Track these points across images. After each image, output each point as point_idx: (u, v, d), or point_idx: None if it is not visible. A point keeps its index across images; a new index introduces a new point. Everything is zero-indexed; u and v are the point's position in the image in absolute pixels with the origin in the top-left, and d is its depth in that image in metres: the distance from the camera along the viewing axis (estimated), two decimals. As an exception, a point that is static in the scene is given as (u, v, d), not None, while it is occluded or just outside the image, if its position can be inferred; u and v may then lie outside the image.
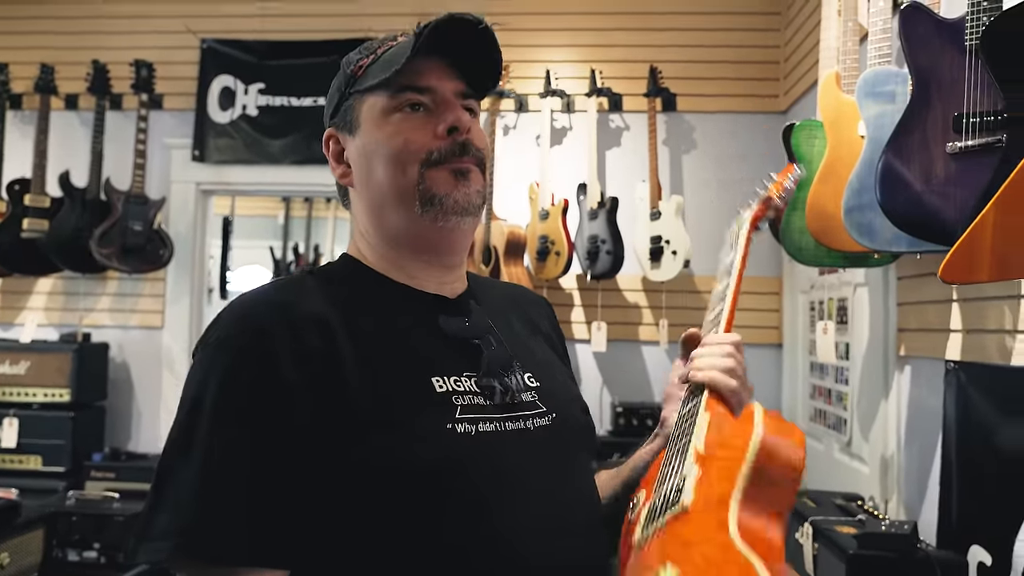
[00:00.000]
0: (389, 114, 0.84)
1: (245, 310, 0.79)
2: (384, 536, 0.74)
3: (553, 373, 0.94)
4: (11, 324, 3.28)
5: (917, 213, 1.33)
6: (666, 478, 0.77)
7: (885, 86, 1.52)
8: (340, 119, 0.89)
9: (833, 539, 1.64)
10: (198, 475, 0.70)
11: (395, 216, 0.85)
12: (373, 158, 0.85)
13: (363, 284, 0.87)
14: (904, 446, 2.04)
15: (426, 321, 0.85)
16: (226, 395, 0.73)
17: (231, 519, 0.70)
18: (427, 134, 0.83)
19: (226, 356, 0.75)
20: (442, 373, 0.80)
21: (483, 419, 0.79)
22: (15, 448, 2.88)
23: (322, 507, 0.73)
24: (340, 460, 0.73)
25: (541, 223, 2.96)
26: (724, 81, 3.13)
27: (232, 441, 0.72)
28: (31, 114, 3.22)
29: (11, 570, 1.49)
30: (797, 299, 2.94)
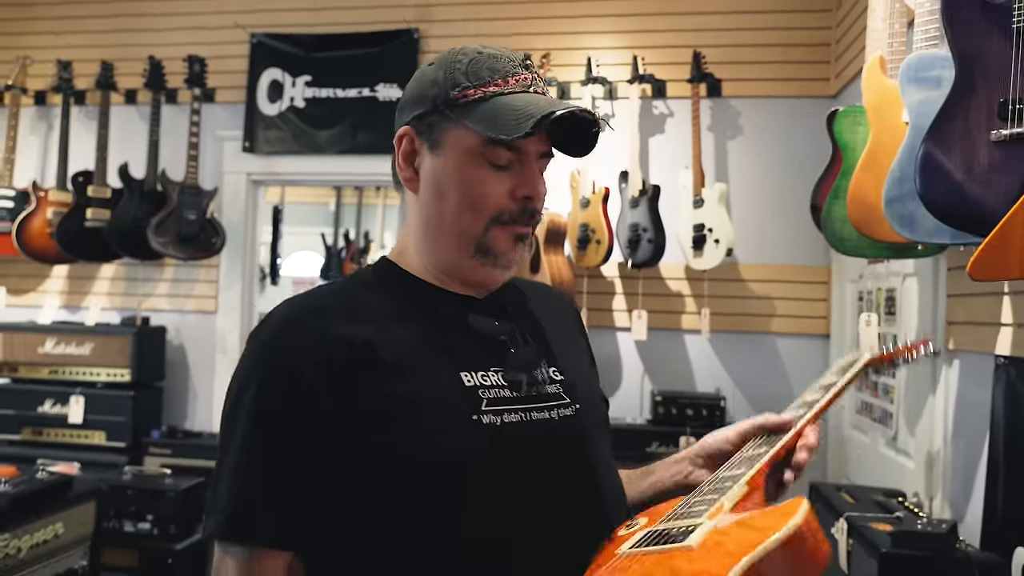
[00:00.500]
0: (476, 157, 0.85)
1: (291, 313, 0.86)
2: (410, 522, 0.79)
3: (576, 367, 0.98)
4: (78, 308, 3.46)
5: (958, 204, 1.28)
6: (678, 516, 0.77)
7: (930, 71, 1.46)
8: (423, 128, 0.89)
9: (867, 536, 1.61)
10: (235, 465, 0.80)
11: (447, 246, 0.90)
12: (447, 189, 0.87)
13: (399, 288, 0.92)
14: (951, 442, 1.98)
15: (456, 320, 0.90)
16: (262, 396, 0.80)
17: (257, 506, 0.78)
18: (504, 192, 0.86)
19: (267, 357, 0.82)
20: (470, 368, 0.85)
21: (509, 410, 0.84)
22: (81, 424, 3.05)
23: (351, 496, 0.80)
24: (370, 453, 0.79)
25: (582, 211, 2.96)
26: (771, 65, 3.05)
27: (264, 438, 0.80)
28: (93, 109, 3.37)
29: (65, 539, 1.60)
30: (845, 289, 2.86)
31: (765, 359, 3.03)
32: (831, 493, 2.01)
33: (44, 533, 1.52)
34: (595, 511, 0.86)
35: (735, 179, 3.07)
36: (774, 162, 3.04)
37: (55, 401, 3.07)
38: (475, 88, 0.85)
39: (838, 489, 2.04)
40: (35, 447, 3.01)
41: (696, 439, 0.99)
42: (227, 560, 0.79)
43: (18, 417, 3.09)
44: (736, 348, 3.05)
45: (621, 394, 3.11)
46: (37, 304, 3.43)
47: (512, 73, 0.86)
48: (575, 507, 0.84)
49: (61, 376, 3.12)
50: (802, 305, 3.02)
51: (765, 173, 3.05)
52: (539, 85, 0.88)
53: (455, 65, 0.87)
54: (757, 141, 3.07)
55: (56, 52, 3.44)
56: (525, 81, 0.87)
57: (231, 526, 0.78)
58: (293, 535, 0.79)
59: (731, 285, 3.03)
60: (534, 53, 3.17)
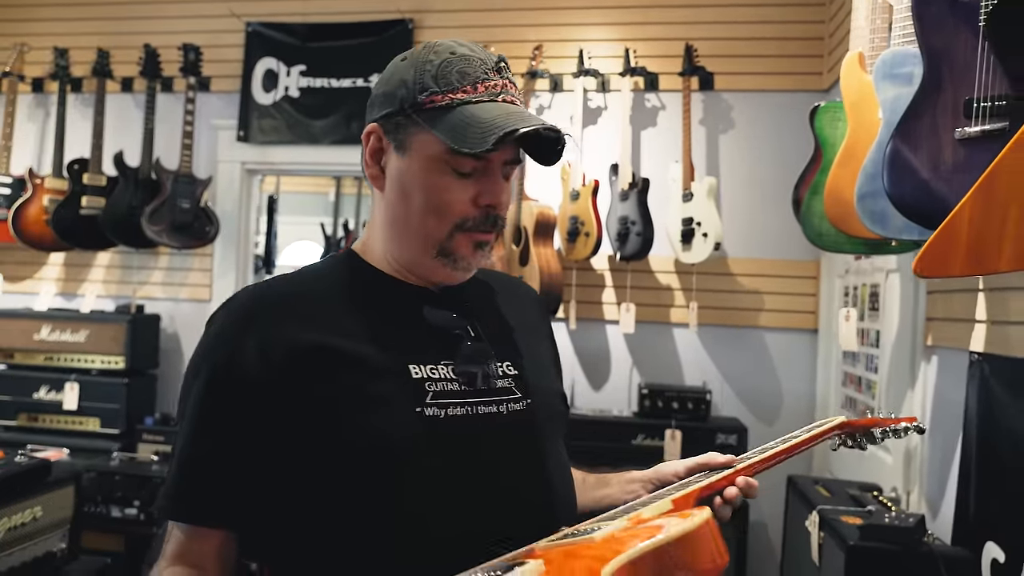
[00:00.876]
0: (440, 164, 0.86)
1: (244, 305, 0.88)
2: (346, 510, 0.81)
3: (533, 363, 0.98)
4: (73, 295, 3.50)
5: (924, 201, 1.28)
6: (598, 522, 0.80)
7: (903, 68, 1.46)
8: (391, 127, 0.89)
9: (837, 529, 1.63)
10: (180, 450, 0.85)
11: (410, 246, 0.91)
12: (412, 191, 0.88)
13: (358, 279, 0.93)
14: (928, 438, 1.99)
15: (411, 313, 0.91)
16: (208, 388, 0.84)
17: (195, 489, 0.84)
18: (467, 200, 0.87)
19: (216, 349, 0.85)
20: (419, 361, 0.87)
21: (454, 404, 0.86)
22: (76, 410, 3.09)
23: (291, 483, 0.83)
24: (311, 443, 0.82)
25: (572, 204, 2.96)
26: (764, 59, 3.05)
27: (205, 428, 0.84)
28: (90, 96, 3.39)
29: (43, 522, 1.62)
30: (834, 284, 2.87)
31: (753, 353, 3.04)
32: (807, 486, 2.03)
33: (22, 516, 1.55)
34: (542, 504, 0.88)
35: (726, 173, 3.07)
36: (765, 156, 3.04)
37: (50, 388, 3.11)
38: (443, 94, 0.85)
39: (815, 483, 2.06)
40: (30, 433, 3.05)
41: (681, 432, 1.00)
42: (173, 533, 0.85)
43: (14, 403, 3.13)
44: (724, 342, 3.06)
45: (609, 387, 3.13)
46: (33, 291, 3.47)
47: (481, 79, 0.86)
48: (522, 500, 0.86)
49: (56, 363, 3.15)
50: (791, 300, 3.03)
51: (756, 167, 3.05)
52: (508, 93, 0.88)
53: (425, 66, 0.87)
54: (748, 135, 3.07)
55: (53, 39, 3.46)
56: (495, 88, 0.86)
57: (171, 505, 0.84)
58: (228, 516, 0.83)
59: (720, 279, 3.04)
60: (526, 44, 3.18)
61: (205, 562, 0.84)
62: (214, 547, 0.84)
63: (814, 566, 1.79)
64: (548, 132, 0.86)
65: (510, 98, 0.88)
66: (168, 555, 0.85)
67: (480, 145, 0.81)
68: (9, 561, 1.55)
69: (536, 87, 3.15)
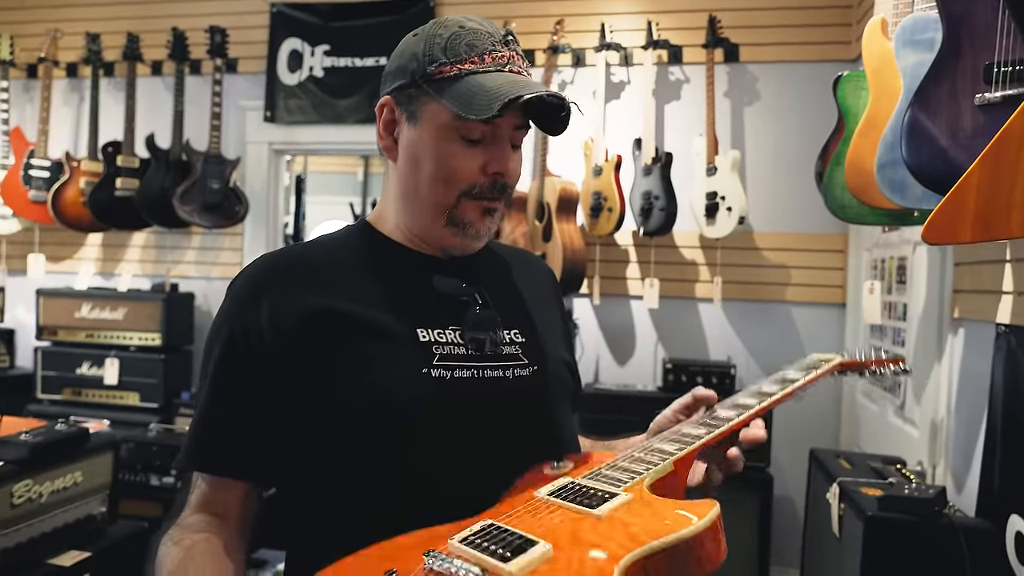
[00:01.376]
0: (449, 132, 0.89)
1: (260, 268, 0.92)
2: (353, 465, 0.85)
3: (542, 333, 1.01)
4: (111, 274, 3.61)
5: (942, 170, 1.26)
6: (599, 477, 0.81)
7: (924, 33, 1.43)
8: (403, 99, 0.92)
9: (856, 500, 1.63)
10: (202, 406, 0.89)
11: (421, 215, 0.94)
12: (422, 160, 0.91)
13: (371, 248, 0.97)
14: (954, 411, 1.97)
15: (421, 280, 0.94)
16: (226, 350, 0.88)
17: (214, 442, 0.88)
18: (475, 168, 0.90)
19: (235, 313, 0.89)
20: (427, 325, 0.90)
21: (460, 367, 0.89)
22: (116, 385, 3.20)
23: (303, 438, 0.86)
24: (321, 402, 0.85)
25: (594, 179, 2.96)
26: (790, 28, 2.99)
27: (224, 386, 0.88)
28: (121, 80, 3.47)
29: (84, 487, 1.71)
30: (862, 257, 2.83)
31: (779, 328, 3.02)
32: (830, 460, 2.02)
33: (64, 480, 1.63)
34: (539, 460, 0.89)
35: (751, 146, 3.03)
36: (791, 128, 2.99)
37: (92, 363, 3.22)
38: (451, 64, 0.88)
39: (837, 456, 2.05)
40: (74, 407, 3.17)
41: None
42: (197, 484, 0.90)
43: (59, 378, 3.25)
44: (749, 317, 3.04)
45: (634, 362, 3.14)
46: (73, 271, 3.59)
47: (489, 51, 0.88)
48: (527, 460, 0.88)
49: (97, 340, 3.26)
50: (818, 274, 2.99)
51: (782, 140, 3.01)
52: (515, 64, 0.90)
53: (435, 39, 0.90)
54: (774, 107, 3.02)
55: (85, 25, 3.54)
56: (501, 59, 0.89)
57: (191, 457, 0.89)
58: (246, 468, 0.88)
59: (745, 253, 3.02)
60: (547, 19, 3.16)
61: (228, 511, 0.88)
62: (236, 497, 0.89)
63: (835, 537, 1.80)
64: (552, 99, 0.88)
65: (517, 69, 0.90)
66: (192, 504, 0.89)
67: (486, 112, 0.84)
68: (53, 522, 1.64)
69: (558, 62, 3.14)
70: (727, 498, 0.75)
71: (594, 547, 0.65)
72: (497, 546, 0.66)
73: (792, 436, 2.90)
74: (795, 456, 2.84)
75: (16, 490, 1.53)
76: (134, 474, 2.46)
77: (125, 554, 1.74)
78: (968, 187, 0.90)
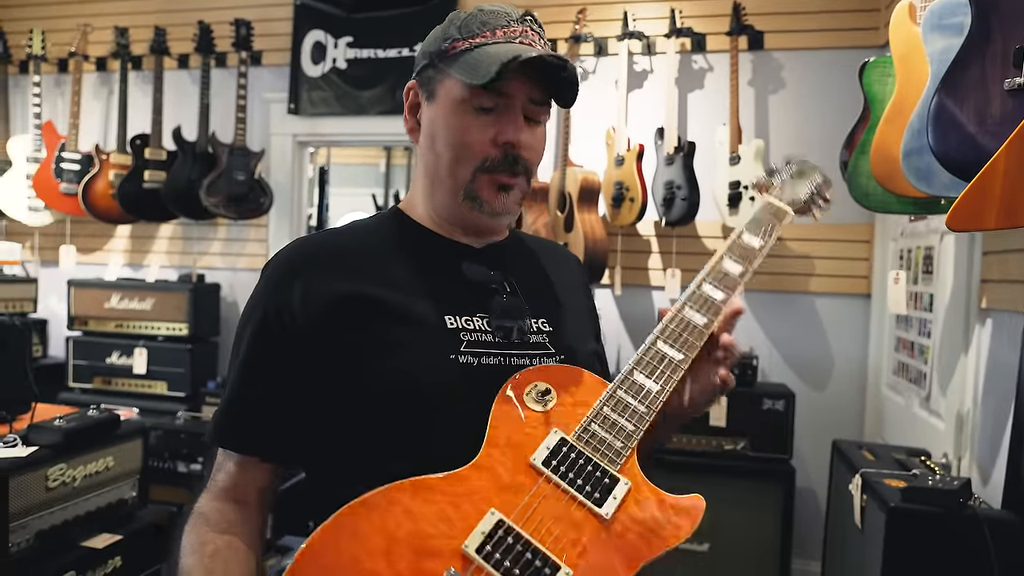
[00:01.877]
0: (462, 105, 0.90)
1: (293, 253, 0.94)
2: (382, 449, 0.86)
3: (570, 323, 1.01)
4: (140, 265, 3.68)
5: (970, 156, 1.24)
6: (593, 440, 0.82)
7: (952, 17, 1.40)
8: (424, 81, 0.95)
9: (879, 491, 1.62)
10: (232, 384, 0.92)
11: (442, 193, 0.95)
12: (438, 137, 0.92)
13: (401, 234, 0.98)
14: (981, 403, 1.94)
15: (450, 267, 0.95)
16: (259, 331, 0.90)
17: (243, 420, 0.90)
18: (487, 139, 0.90)
19: (268, 294, 0.91)
20: (455, 312, 0.91)
21: (487, 353, 0.90)
22: (145, 374, 3.27)
23: (331, 420, 0.88)
24: (350, 385, 0.87)
25: (616, 169, 2.95)
26: (817, 15, 2.94)
27: (255, 366, 0.90)
28: (149, 73, 3.52)
29: (115, 472, 1.75)
30: (887, 247, 2.79)
31: (802, 319, 2.99)
32: (852, 451, 2.01)
33: (96, 465, 1.68)
34: None
35: (775, 135, 3.00)
36: (817, 117, 2.95)
37: (121, 353, 3.29)
38: (463, 40, 0.90)
39: (860, 447, 2.03)
40: (104, 395, 3.24)
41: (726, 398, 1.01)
42: (224, 464, 0.92)
43: (89, 367, 3.32)
44: (772, 307, 3.01)
45: (655, 352, 3.12)
46: (103, 262, 3.66)
47: (502, 26, 0.90)
48: None
49: (126, 330, 3.33)
50: (843, 264, 2.96)
51: (807, 128, 2.97)
52: (528, 37, 0.91)
53: (452, 21, 0.93)
54: (800, 95, 2.98)
55: (114, 19, 3.59)
56: (513, 33, 0.90)
57: (219, 434, 0.91)
58: (274, 449, 0.90)
59: (768, 243, 2.98)
60: (570, 8, 3.14)
61: (249, 496, 0.90)
62: (260, 479, 0.91)
63: (857, 529, 1.78)
64: (552, 60, 0.87)
65: (529, 41, 0.91)
66: (216, 488, 0.90)
67: (485, 76, 0.85)
68: (87, 505, 1.69)
69: (580, 51, 3.12)
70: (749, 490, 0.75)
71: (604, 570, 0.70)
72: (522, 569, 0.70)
73: (815, 428, 2.88)
74: (818, 448, 2.82)
75: (51, 474, 1.58)
76: (162, 461, 2.52)
77: (155, 537, 1.79)
78: (994, 173, 0.89)
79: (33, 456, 1.57)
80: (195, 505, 0.90)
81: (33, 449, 1.58)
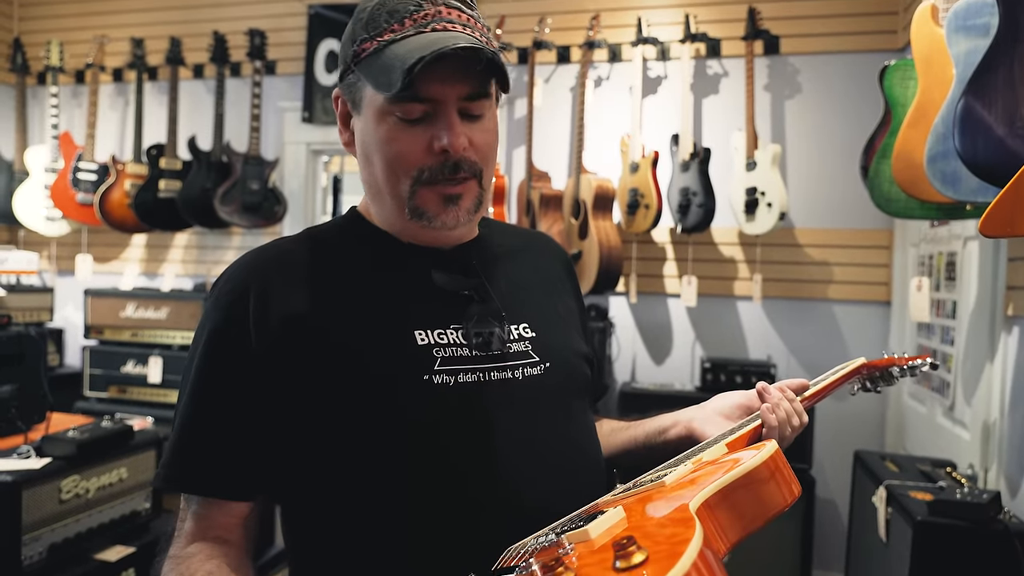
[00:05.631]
0: (386, 115, 0.79)
1: (239, 270, 0.84)
2: (357, 481, 0.78)
3: (554, 324, 0.93)
4: (155, 274, 3.69)
5: (998, 160, 1.21)
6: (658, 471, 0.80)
7: (977, 18, 1.37)
8: (346, 89, 0.85)
9: (905, 504, 1.58)
10: (183, 416, 0.81)
11: (387, 209, 0.85)
12: (370, 152, 0.82)
13: (361, 240, 0.88)
14: (1008, 412, 1.89)
15: (417, 276, 0.85)
16: (207, 356, 0.81)
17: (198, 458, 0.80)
18: (420, 148, 0.79)
19: (215, 317, 0.81)
20: (426, 326, 0.82)
21: (464, 370, 0.81)
22: (160, 383, 3.27)
23: (302, 446, 0.79)
24: (317, 413, 0.78)
25: (631, 176, 2.92)
26: (833, 18, 2.91)
27: (210, 388, 0.80)
28: (165, 84, 3.54)
29: (129, 483, 1.74)
30: (908, 253, 2.74)
31: (821, 326, 2.95)
32: (875, 462, 1.96)
33: (109, 476, 1.67)
34: (563, 469, 0.83)
35: (792, 140, 2.96)
36: (834, 121, 2.92)
37: (136, 362, 3.28)
38: (371, 39, 0.78)
39: (883, 458, 1.99)
40: (119, 404, 3.23)
41: None
42: (183, 504, 0.83)
43: (104, 376, 3.32)
44: (790, 315, 2.97)
45: (671, 361, 3.09)
46: (119, 271, 3.68)
47: (410, 13, 0.78)
48: (545, 466, 0.82)
49: (141, 339, 3.33)
50: (862, 271, 2.91)
51: (824, 133, 2.93)
52: (440, 20, 0.78)
53: (359, 15, 0.81)
54: (817, 100, 2.95)
55: (130, 30, 3.62)
56: (423, 19, 0.78)
57: (174, 476, 0.81)
58: (235, 486, 0.80)
59: (785, 250, 2.95)
60: (583, 14, 3.13)
61: (230, 534, 0.81)
62: (237, 518, 0.81)
63: (881, 543, 1.74)
64: (460, 50, 0.74)
65: (442, 24, 0.78)
66: (187, 532, 0.80)
67: (392, 87, 0.74)
68: (100, 517, 1.67)
69: (594, 58, 3.11)
70: None
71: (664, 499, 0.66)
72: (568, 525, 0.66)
73: (835, 437, 2.83)
74: (838, 458, 2.77)
75: (64, 486, 1.57)
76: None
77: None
78: (1028, 177, 0.86)
79: (46, 468, 1.56)
80: (167, 554, 0.81)
81: (47, 461, 1.57)
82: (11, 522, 1.44)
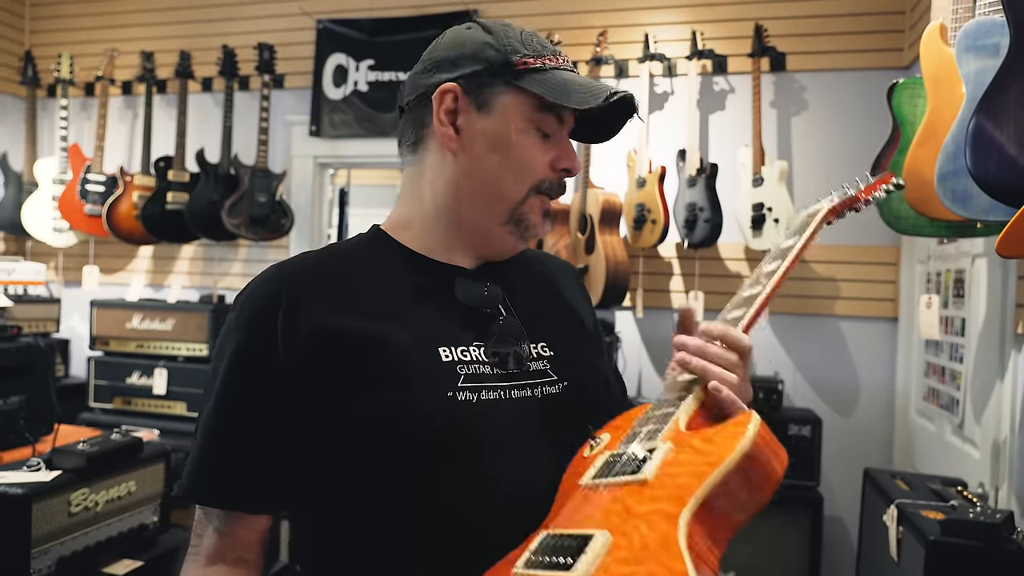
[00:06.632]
0: (528, 123, 0.87)
1: (265, 283, 0.85)
2: (379, 497, 0.80)
3: (570, 343, 0.95)
4: (161, 286, 3.70)
5: (1010, 179, 1.21)
6: (636, 437, 0.77)
7: (988, 38, 1.38)
8: (473, 89, 0.86)
9: (917, 524, 1.57)
10: (208, 427, 0.82)
11: (478, 208, 0.88)
12: (495, 151, 0.86)
13: (385, 257, 0.90)
14: (1018, 431, 1.88)
15: (440, 293, 0.87)
16: (232, 369, 0.81)
17: (223, 471, 0.81)
18: (547, 163, 0.88)
19: (241, 330, 0.82)
20: (450, 344, 0.84)
21: (486, 388, 0.83)
22: (165, 395, 3.27)
23: (327, 461, 0.81)
24: (340, 429, 0.80)
25: (638, 191, 2.93)
26: (840, 36, 2.93)
27: (236, 401, 0.81)
28: (174, 97, 3.56)
29: (137, 496, 1.74)
30: (915, 270, 2.74)
31: (828, 342, 2.94)
32: (885, 480, 1.95)
33: (118, 489, 1.66)
34: None
35: (798, 156, 2.97)
36: (840, 138, 2.93)
37: (141, 373, 3.29)
38: (534, 58, 0.87)
39: (893, 476, 1.98)
40: (124, 415, 3.23)
41: None
42: (203, 517, 0.84)
43: (109, 387, 3.32)
44: (797, 331, 2.97)
45: (677, 375, 3.08)
46: (125, 282, 3.68)
47: (556, 53, 0.90)
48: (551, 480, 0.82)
49: (146, 350, 3.33)
50: (869, 287, 2.91)
51: (831, 150, 2.94)
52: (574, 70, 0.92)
53: (507, 32, 0.88)
54: (823, 117, 2.96)
55: (140, 43, 3.65)
56: (567, 63, 0.90)
57: (198, 489, 0.82)
58: (259, 499, 0.82)
59: (793, 266, 2.95)
60: (590, 31, 3.16)
61: (248, 552, 0.83)
62: (257, 534, 0.83)
63: (892, 562, 1.73)
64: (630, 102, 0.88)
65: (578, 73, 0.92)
66: (207, 551, 0.82)
67: (588, 102, 0.84)
68: (108, 531, 1.67)
69: (601, 73, 3.12)
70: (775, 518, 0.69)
71: (651, 515, 0.63)
72: (556, 556, 0.65)
73: (843, 454, 2.82)
74: (846, 475, 2.76)
75: (73, 499, 1.56)
76: (169, 481, 2.48)
77: (176, 563, 1.76)
78: (1046, 198, 0.86)
79: (56, 481, 1.55)
80: (184, 570, 0.82)
81: (56, 473, 1.57)
82: (21, 535, 1.44)
